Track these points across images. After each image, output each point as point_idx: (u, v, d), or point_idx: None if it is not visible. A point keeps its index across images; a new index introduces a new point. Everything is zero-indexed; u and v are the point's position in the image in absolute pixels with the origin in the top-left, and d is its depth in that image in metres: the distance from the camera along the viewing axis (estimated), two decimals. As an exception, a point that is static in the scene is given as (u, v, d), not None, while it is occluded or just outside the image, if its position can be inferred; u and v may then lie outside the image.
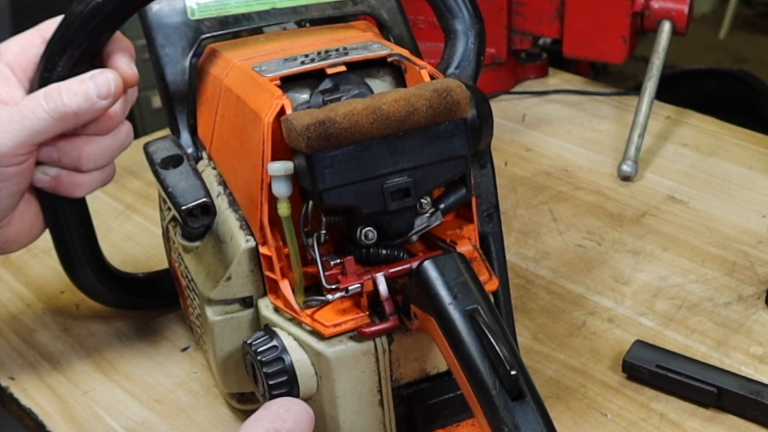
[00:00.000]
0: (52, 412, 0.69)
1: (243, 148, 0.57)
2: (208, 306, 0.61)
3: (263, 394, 0.57)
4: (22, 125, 0.57)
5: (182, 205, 0.57)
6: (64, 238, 0.67)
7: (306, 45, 0.62)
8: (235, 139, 0.58)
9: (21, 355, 0.74)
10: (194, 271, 0.62)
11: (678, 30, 1.03)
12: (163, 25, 0.64)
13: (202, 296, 0.61)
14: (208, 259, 0.60)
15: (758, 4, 3.74)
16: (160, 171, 0.59)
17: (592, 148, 1.02)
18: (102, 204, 0.92)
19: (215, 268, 0.60)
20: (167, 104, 0.66)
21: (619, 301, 0.79)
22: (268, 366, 0.55)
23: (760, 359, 0.72)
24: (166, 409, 0.69)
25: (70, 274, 0.70)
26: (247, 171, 0.57)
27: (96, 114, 0.59)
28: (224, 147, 0.61)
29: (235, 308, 0.60)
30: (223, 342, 0.61)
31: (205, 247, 0.61)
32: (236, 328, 0.60)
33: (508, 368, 0.47)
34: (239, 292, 0.59)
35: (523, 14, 1.10)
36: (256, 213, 0.56)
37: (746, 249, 0.85)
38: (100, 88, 0.58)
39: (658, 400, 0.68)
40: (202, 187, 0.58)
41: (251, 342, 0.56)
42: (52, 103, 0.57)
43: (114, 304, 0.74)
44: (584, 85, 1.18)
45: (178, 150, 0.60)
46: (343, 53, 0.60)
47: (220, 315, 0.60)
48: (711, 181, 0.96)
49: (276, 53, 0.61)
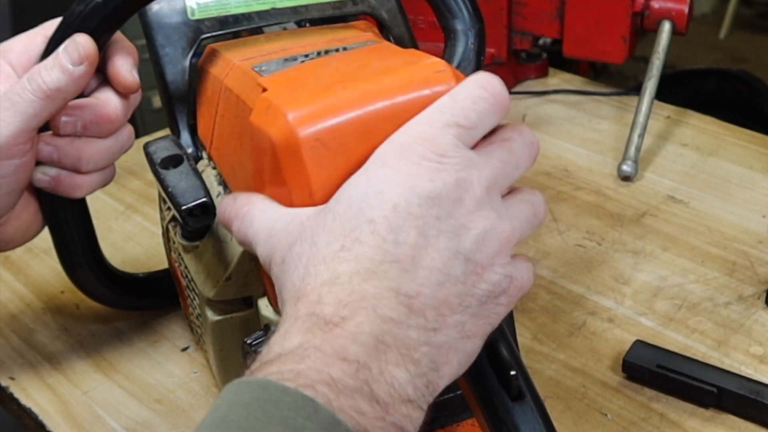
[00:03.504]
0: (52, 412, 0.69)
1: (243, 148, 0.57)
2: (208, 306, 0.61)
3: None
4: (14, 111, 0.58)
5: (182, 205, 0.57)
6: (64, 239, 0.67)
7: (306, 45, 0.62)
8: (235, 139, 0.58)
9: (21, 355, 0.74)
10: (194, 271, 0.62)
11: (678, 30, 1.03)
12: (163, 25, 0.64)
13: (202, 296, 0.61)
14: (208, 259, 0.60)
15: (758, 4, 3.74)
16: (160, 171, 0.59)
17: (592, 148, 1.02)
18: (102, 204, 0.92)
19: (215, 268, 0.60)
20: (167, 104, 0.66)
21: (619, 301, 0.79)
22: None
23: (760, 359, 0.72)
24: (166, 409, 0.69)
25: (71, 274, 0.70)
26: (247, 171, 0.57)
27: (79, 83, 0.58)
28: (224, 147, 0.61)
29: (235, 308, 0.60)
30: (223, 341, 0.61)
31: (205, 247, 0.61)
32: (236, 328, 0.61)
33: (507, 368, 0.47)
34: (239, 292, 0.59)
35: (523, 14, 1.10)
36: None
37: (746, 249, 0.85)
38: (72, 56, 0.58)
39: (658, 400, 0.68)
40: (202, 187, 0.58)
41: (251, 342, 0.56)
42: (34, 83, 0.58)
43: (114, 304, 0.74)
44: (584, 85, 1.17)
45: (178, 150, 0.60)
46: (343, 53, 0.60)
47: (220, 315, 0.60)
48: (711, 181, 0.96)
49: (276, 53, 0.61)
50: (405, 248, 0.44)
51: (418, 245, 0.44)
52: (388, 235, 0.44)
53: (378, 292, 0.43)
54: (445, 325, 0.44)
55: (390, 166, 0.46)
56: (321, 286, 0.44)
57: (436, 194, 0.45)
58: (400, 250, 0.44)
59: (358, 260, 0.44)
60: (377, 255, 0.44)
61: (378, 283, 0.43)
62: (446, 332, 0.44)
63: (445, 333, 0.44)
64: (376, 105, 0.49)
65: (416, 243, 0.44)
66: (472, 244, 0.45)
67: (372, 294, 0.43)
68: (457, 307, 0.44)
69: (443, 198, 0.45)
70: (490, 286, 0.45)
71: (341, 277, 0.44)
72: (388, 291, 0.43)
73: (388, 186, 0.45)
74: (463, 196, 0.45)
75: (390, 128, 0.49)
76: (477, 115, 0.47)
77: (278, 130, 0.49)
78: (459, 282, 0.45)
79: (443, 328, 0.44)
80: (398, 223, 0.44)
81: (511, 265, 0.46)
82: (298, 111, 0.49)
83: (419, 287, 0.44)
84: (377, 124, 0.49)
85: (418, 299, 0.44)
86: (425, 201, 0.44)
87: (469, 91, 0.47)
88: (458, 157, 0.45)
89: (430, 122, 0.47)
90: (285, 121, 0.49)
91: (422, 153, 0.45)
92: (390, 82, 0.50)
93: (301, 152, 0.48)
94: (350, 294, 0.43)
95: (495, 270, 0.46)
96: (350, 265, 0.44)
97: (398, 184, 0.45)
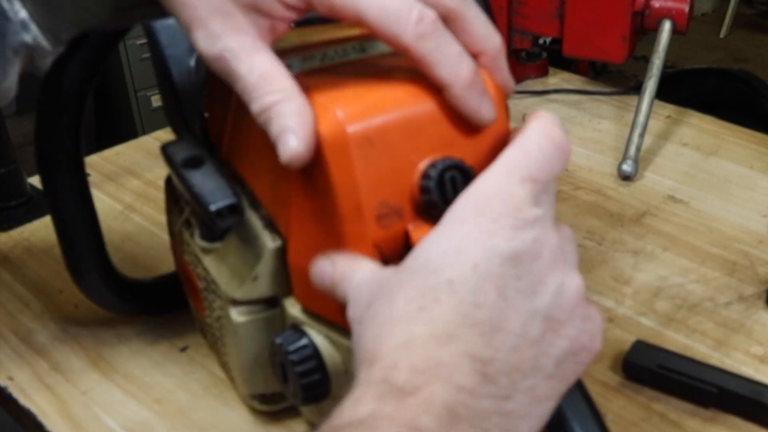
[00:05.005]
0: (51, 412, 0.68)
1: (270, 147, 0.56)
2: (233, 307, 0.60)
3: (294, 394, 0.57)
4: None
5: (211, 206, 0.57)
6: (72, 247, 0.67)
7: (318, 43, 0.62)
8: (259, 138, 0.57)
9: (19, 355, 0.74)
10: (216, 272, 0.61)
11: (678, 29, 1.03)
12: (165, 25, 0.64)
13: (225, 297, 0.60)
14: (231, 260, 0.60)
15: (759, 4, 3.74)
16: (184, 172, 0.58)
17: (592, 148, 1.02)
18: (101, 204, 0.91)
19: (240, 269, 0.59)
20: (173, 105, 0.65)
21: (619, 301, 0.78)
22: (300, 365, 0.55)
23: (761, 359, 0.72)
24: (165, 409, 0.68)
25: (79, 282, 0.70)
26: (274, 170, 0.56)
27: None
28: (242, 147, 0.60)
29: (260, 308, 0.60)
30: (249, 343, 0.61)
31: (226, 248, 0.60)
32: (261, 329, 0.60)
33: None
34: (265, 292, 0.59)
35: (523, 13, 1.10)
36: (284, 212, 0.56)
37: (747, 249, 0.84)
38: None
39: (658, 400, 0.68)
40: (229, 187, 0.57)
41: (281, 342, 0.56)
42: None
43: (123, 311, 0.74)
44: (584, 85, 1.17)
45: (197, 151, 0.60)
46: (359, 50, 0.60)
47: (245, 316, 0.60)
48: (711, 181, 0.96)
49: (294, 51, 0.60)
50: (484, 311, 0.43)
51: (497, 307, 0.43)
52: (467, 296, 0.43)
53: (454, 358, 0.42)
54: (516, 390, 0.43)
55: (468, 224, 0.44)
56: (395, 349, 0.42)
57: (516, 253, 0.44)
58: (479, 313, 0.43)
59: (435, 322, 0.42)
60: (456, 317, 0.42)
61: (454, 348, 0.42)
62: (517, 398, 0.43)
63: (516, 400, 0.43)
64: (422, 106, 0.50)
65: (495, 305, 0.43)
66: (551, 299, 0.44)
67: (448, 361, 0.42)
68: (530, 370, 0.43)
69: (523, 256, 0.44)
70: (568, 343, 0.44)
71: (417, 339, 0.42)
72: (464, 357, 0.42)
73: (468, 244, 0.44)
74: (541, 251, 0.44)
75: (434, 129, 0.50)
76: (549, 168, 0.46)
77: (327, 126, 0.49)
78: (534, 343, 0.43)
79: (514, 394, 0.43)
80: (479, 285, 0.43)
81: (589, 320, 0.46)
82: (346, 108, 0.49)
83: (495, 352, 0.42)
84: (422, 125, 0.49)
85: (493, 365, 0.42)
86: (506, 261, 0.43)
87: (539, 143, 0.46)
88: (535, 213, 0.45)
89: (505, 177, 0.46)
90: (334, 118, 0.49)
91: (501, 210, 0.44)
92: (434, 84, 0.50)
93: (349, 149, 0.48)
94: (425, 360, 0.42)
95: (574, 324, 0.45)
96: (427, 327, 0.42)
97: (478, 242, 0.44)
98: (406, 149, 0.49)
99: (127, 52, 2.26)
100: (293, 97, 0.49)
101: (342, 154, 0.49)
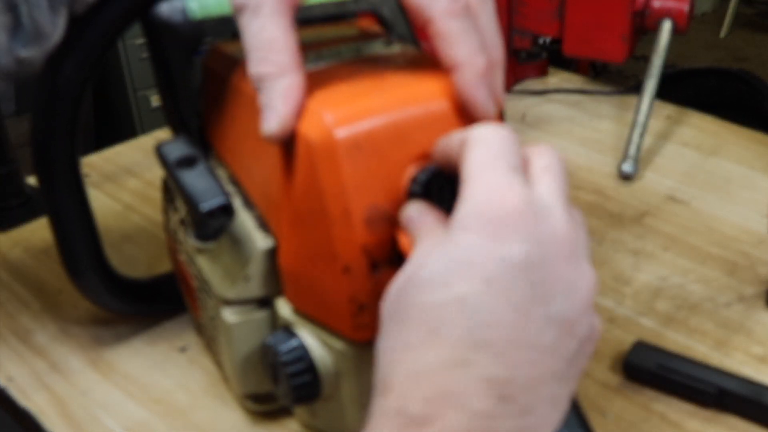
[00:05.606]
0: (50, 412, 0.68)
1: (262, 148, 0.56)
2: (226, 307, 0.60)
3: (285, 394, 0.57)
4: None
5: (202, 205, 0.57)
6: (69, 245, 0.67)
7: (314, 43, 0.62)
8: (252, 139, 0.58)
9: (19, 355, 0.74)
10: (209, 272, 0.61)
11: (678, 29, 1.03)
12: (164, 25, 0.64)
13: (218, 297, 0.60)
14: (224, 259, 0.60)
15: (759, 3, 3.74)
16: (177, 171, 0.58)
17: (592, 148, 1.02)
18: (100, 204, 0.91)
19: (232, 269, 0.59)
20: (172, 105, 0.65)
21: (619, 301, 0.78)
22: (290, 366, 0.55)
23: (761, 359, 0.71)
24: (164, 410, 0.68)
25: (76, 282, 0.70)
26: (266, 171, 0.56)
27: None
28: (237, 147, 0.61)
29: (252, 308, 0.60)
30: (241, 343, 0.61)
31: (220, 247, 0.60)
32: (253, 329, 0.60)
33: None
34: (257, 292, 0.59)
35: (523, 13, 1.10)
36: (275, 214, 0.56)
37: (747, 249, 0.84)
38: None
39: (659, 401, 0.68)
40: (221, 188, 0.58)
41: (272, 342, 0.56)
42: None
43: (121, 311, 0.74)
44: (584, 85, 1.17)
45: (192, 150, 0.60)
46: (355, 50, 0.60)
47: (237, 315, 0.60)
48: (711, 181, 0.95)
49: None
50: (499, 330, 0.40)
51: (511, 324, 0.41)
52: (480, 315, 0.40)
53: (468, 384, 0.40)
54: (536, 403, 0.41)
55: (473, 231, 0.42)
56: (407, 378, 0.41)
57: (529, 259, 0.41)
58: (493, 333, 0.40)
59: (446, 345, 0.40)
60: (468, 340, 0.40)
61: (468, 373, 0.40)
62: (537, 410, 0.41)
63: (537, 412, 0.41)
64: (411, 110, 0.50)
65: (509, 322, 0.41)
66: (564, 301, 0.42)
67: (462, 388, 0.40)
68: (549, 379, 0.41)
69: (535, 260, 0.42)
70: (578, 341, 0.43)
71: (428, 366, 0.40)
72: (479, 382, 0.40)
73: (476, 256, 0.41)
74: (552, 248, 0.43)
75: (424, 134, 0.49)
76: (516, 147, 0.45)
77: (315, 130, 0.49)
78: (550, 350, 0.41)
79: (535, 407, 0.41)
80: (491, 302, 0.41)
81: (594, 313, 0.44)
82: (335, 113, 0.49)
83: (512, 371, 0.40)
84: (412, 129, 0.49)
85: (510, 385, 0.40)
86: (519, 271, 0.41)
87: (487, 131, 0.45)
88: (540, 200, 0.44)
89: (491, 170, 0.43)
90: (322, 122, 0.49)
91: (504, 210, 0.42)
92: (425, 88, 0.50)
93: (337, 153, 0.48)
94: (438, 388, 0.40)
95: (584, 321, 0.43)
96: (437, 352, 0.40)
97: (488, 253, 0.41)
98: (395, 154, 0.49)
99: (127, 51, 2.26)
100: (287, 73, 0.48)
101: (330, 159, 0.48)
